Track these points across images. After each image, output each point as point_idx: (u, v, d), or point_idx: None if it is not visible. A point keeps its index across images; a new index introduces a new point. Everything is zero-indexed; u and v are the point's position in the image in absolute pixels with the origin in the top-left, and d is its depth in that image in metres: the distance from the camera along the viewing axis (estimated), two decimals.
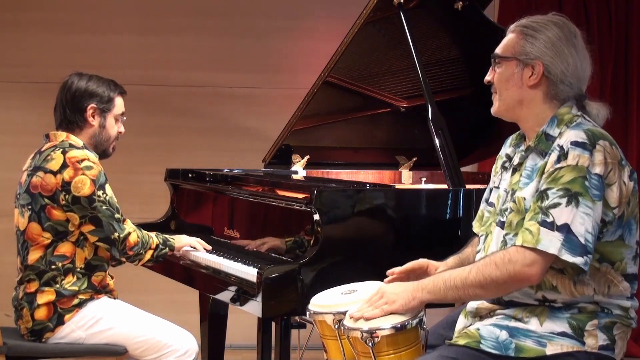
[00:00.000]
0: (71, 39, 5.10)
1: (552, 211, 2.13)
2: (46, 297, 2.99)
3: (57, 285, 3.00)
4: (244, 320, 3.83)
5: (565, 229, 2.11)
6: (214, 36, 5.18)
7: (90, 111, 3.12)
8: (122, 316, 3.07)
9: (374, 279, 2.50)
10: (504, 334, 2.21)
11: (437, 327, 2.52)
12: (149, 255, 3.13)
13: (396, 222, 2.96)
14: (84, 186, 2.97)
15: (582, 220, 2.11)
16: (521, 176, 2.30)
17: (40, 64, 5.08)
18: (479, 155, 4.10)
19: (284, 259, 2.96)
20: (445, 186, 3.13)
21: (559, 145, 2.20)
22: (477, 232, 2.52)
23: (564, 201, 2.13)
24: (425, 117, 3.23)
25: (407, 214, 2.99)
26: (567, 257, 2.10)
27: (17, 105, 5.13)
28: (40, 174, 3.01)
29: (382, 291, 2.27)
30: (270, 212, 3.17)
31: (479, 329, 2.24)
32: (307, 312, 2.41)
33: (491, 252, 2.32)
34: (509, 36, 2.35)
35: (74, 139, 3.10)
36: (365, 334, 2.19)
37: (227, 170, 3.95)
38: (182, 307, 4.48)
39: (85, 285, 3.04)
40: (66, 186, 2.97)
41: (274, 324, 3.16)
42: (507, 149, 2.47)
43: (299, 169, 3.89)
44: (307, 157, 3.91)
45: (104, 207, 3.00)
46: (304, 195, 2.87)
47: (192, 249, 3.31)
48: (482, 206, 2.53)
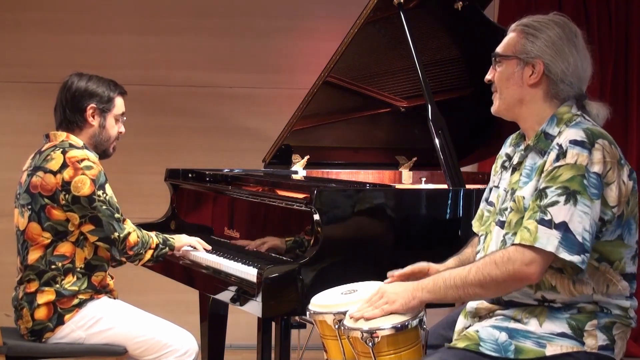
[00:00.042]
0: (71, 39, 5.10)
1: (550, 209, 2.13)
2: (46, 297, 2.99)
3: (57, 285, 3.00)
4: (244, 320, 3.83)
5: (563, 227, 2.11)
6: (214, 36, 5.18)
7: (90, 111, 3.12)
8: (122, 316, 3.07)
9: (374, 279, 2.49)
10: (503, 336, 2.20)
11: (437, 327, 2.52)
12: (149, 255, 3.13)
13: (396, 222, 2.96)
14: (84, 186, 2.97)
15: (580, 218, 2.11)
16: (521, 175, 2.30)
17: (40, 64, 5.08)
18: (479, 155, 4.10)
19: (284, 259, 2.96)
20: (445, 186, 3.13)
21: (558, 144, 2.20)
22: (476, 231, 2.51)
23: (562, 199, 2.12)
24: (425, 117, 3.23)
25: (407, 214, 2.99)
26: (565, 255, 2.10)
27: (17, 105, 5.13)
28: (40, 173, 3.01)
29: (382, 291, 2.27)
30: (270, 212, 3.17)
31: (478, 331, 2.24)
32: (307, 312, 2.40)
33: (491, 251, 2.32)
34: (510, 35, 2.35)
35: (74, 139, 3.10)
36: (365, 334, 2.19)
37: (227, 170, 3.94)
38: (182, 307, 4.49)
39: (85, 285, 3.04)
40: (66, 186, 2.97)
41: (274, 324, 3.16)
42: (507, 148, 2.47)
43: (299, 169, 3.89)
44: (307, 157, 3.91)
45: (104, 206, 3.00)
46: (304, 195, 2.87)
47: (192, 249, 3.31)
48: (482, 205, 2.53)
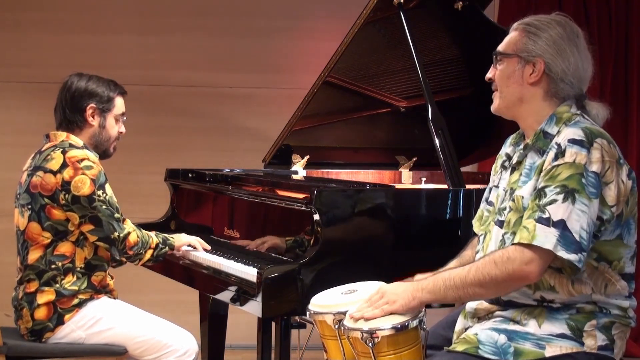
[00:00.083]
0: (71, 39, 5.10)
1: (548, 208, 2.13)
2: (46, 297, 2.99)
3: (57, 285, 3.00)
4: (244, 320, 3.83)
5: (561, 225, 2.11)
6: (214, 36, 5.18)
7: (89, 111, 3.12)
8: (122, 316, 3.07)
9: (374, 279, 2.49)
10: (502, 338, 2.20)
11: (437, 327, 2.52)
12: (148, 254, 3.13)
13: (396, 222, 2.96)
14: (83, 186, 2.97)
15: (578, 217, 2.11)
16: (520, 175, 2.30)
17: (40, 64, 5.08)
18: (479, 155, 4.10)
19: (284, 259, 2.96)
20: (445, 186, 3.13)
21: (556, 143, 2.20)
22: (477, 231, 2.51)
23: (561, 198, 2.12)
24: (425, 117, 3.23)
25: (407, 214, 2.99)
26: (562, 253, 2.10)
27: (17, 105, 5.13)
28: (40, 173, 3.01)
29: (382, 291, 2.27)
30: (270, 212, 3.17)
31: (477, 334, 2.24)
32: (307, 312, 2.40)
33: (490, 251, 2.32)
34: (512, 34, 2.35)
35: (74, 139, 3.10)
36: (365, 334, 2.19)
37: (227, 170, 3.94)
38: (182, 307, 4.48)
39: (85, 285, 3.04)
40: (66, 186, 2.97)
41: (274, 324, 3.16)
42: (507, 148, 2.47)
43: (299, 169, 3.89)
44: (307, 157, 3.90)
45: (104, 206, 3.00)
46: (304, 195, 2.87)
47: (192, 249, 3.31)
48: (482, 206, 2.53)
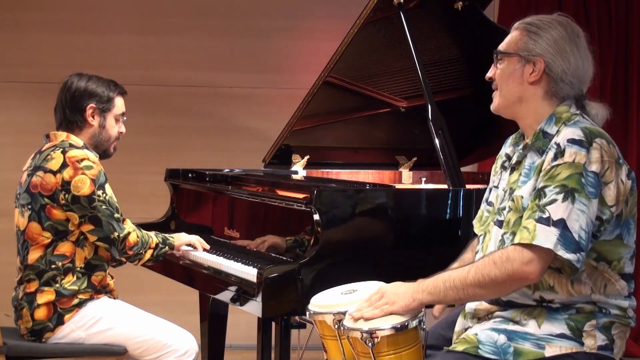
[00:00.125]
0: (71, 39, 5.10)
1: (548, 207, 2.13)
2: (46, 297, 2.99)
3: (57, 284, 3.00)
4: (244, 320, 3.83)
5: (561, 225, 2.11)
6: (214, 36, 5.18)
7: (89, 111, 3.12)
8: (122, 316, 3.07)
9: (374, 279, 2.49)
10: (502, 338, 2.20)
11: (437, 328, 2.51)
12: (148, 254, 3.13)
13: (396, 222, 2.96)
14: (83, 186, 2.97)
15: (577, 217, 2.11)
16: (520, 175, 2.30)
17: (40, 64, 5.08)
18: (479, 155, 4.10)
19: (284, 259, 2.96)
20: (445, 186, 3.13)
21: (556, 143, 2.20)
22: (477, 232, 2.51)
23: (560, 197, 2.13)
24: (425, 117, 3.23)
25: (407, 214, 2.99)
26: (562, 252, 2.10)
27: (17, 105, 5.13)
28: (40, 173, 3.01)
29: (382, 291, 2.27)
30: (270, 212, 3.17)
31: (477, 334, 2.23)
32: (307, 312, 2.40)
33: (490, 251, 2.32)
34: (513, 33, 2.35)
35: (74, 139, 3.10)
36: (365, 334, 2.19)
37: (227, 170, 3.94)
38: (182, 307, 4.48)
39: (85, 284, 3.04)
40: (66, 185, 2.97)
41: (274, 324, 3.16)
42: (507, 148, 2.46)
43: (299, 169, 3.89)
44: (307, 157, 3.90)
45: (104, 206, 3.00)
46: (304, 195, 2.87)
47: (192, 249, 3.31)
48: (482, 206, 2.52)
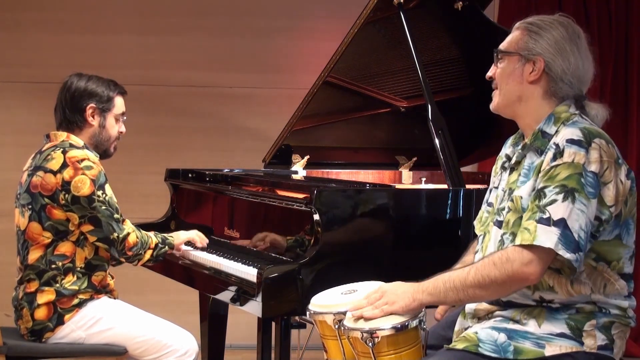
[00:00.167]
0: (71, 39, 5.10)
1: (549, 208, 2.13)
2: (46, 296, 2.99)
3: (57, 284, 3.00)
4: (244, 320, 3.83)
5: (562, 224, 2.11)
6: (214, 36, 5.18)
7: (89, 111, 3.12)
8: (122, 316, 3.07)
9: (374, 279, 2.49)
10: (502, 337, 2.20)
11: (437, 328, 2.51)
12: (148, 255, 3.13)
13: (396, 222, 2.96)
14: (83, 186, 2.97)
15: (577, 216, 2.11)
16: (519, 175, 2.31)
17: (40, 64, 5.08)
18: (479, 155, 4.10)
19: (284, 259, 2.96)
20: (445, 186, 3.13)
21: (554, 143, 2.20)
22: (478, 233, 2.51)
23: (561, 197, 2.13)
24: (425, 117, 3.23)
25: (407, 214, 2.99)
26: (562, 252, 2.10)
27: (17, 105, 5.13)
28: (40, 173, 3.01)
29: (383, 290, 2.27)
30: (270, 212, 3.17)
31: (477, 332, 2.23)
32: (307, 312, 2.40)
33: (489, 251, 2.32)
34: (514, 33, 2.35)
35: (74, 139, 3.11)
36: (365, 334, 2.19)
37: (227, 170, 3.94)
38: (182, 307, 4.49)
39: (85, 284, 3.04)
40: (66, 186, 2.97)
41: (274, 324, 3.16)
42: (507, 149, 2.46)
43: (299, 169, 3.89)
44: (307, 157, 3.91)
45: (104, 207, 3.00)
46: (304, 195, 2.87)
47: (192, 248, 3.31)
48: (483, 207, 2.53)
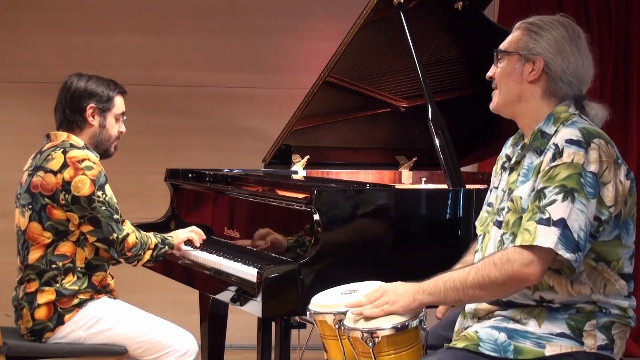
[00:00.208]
0: (71, 39, 5.10)
1: (548, 208, 2.13)
2: (46, 296, 2.99)
3: (57, 284, 3.00)
4: (244, 320, 3.83)
5: (561, 224, 2.11)
6: (214, 36, 5.18)
7: (89, 111, 3.12)
8: (122, 316, 3.07)
9: (374, 279, 2.49)
10: (502, 336, 2.20)
11: (437, 328, 2.52)
12: (147, 255, 3.13)
13: (396, 222, 2.96)
14: (83, 186, 2.97)
15: (577, 216, 2.12)
16: (518, 175, 2.31)
17: (40, 64, 5.08)
18: (479, 155, 4.10)
19: (284, 259, 2.96)
20: (445, 186, 3.13)
21: (554, 143, 2.20)
22: (479, 233, 2.51)
23: (560, 197, 2.13)
24: (425, 117, 3.23)
25: (407, 214, 2.99)
26: (562, 252, 2.10)
27: (17, 105, 5.13)
28: (40, 173, 3.01)
29: (383, 290, 2.27)
30: (270, 212, 3.17)
31: (477, 332, 2.24)
32: (308, 312, 2.40)
33: (489, 252, 2.32)
34: (515, 33, 2.36)
35: (74, 139, 3.11)
36: (365, 334, 2.19)
37: (227, 170, 3.94)
38: (182, 307, 4.49)
39: (85, 284, 3.04)
40: (66, 186, 2.97)
41: (274, 324, 3.16)
42: (507, 149, 2.46)
43: (299, 169, 3.89)
44: (307, 157, 3.91)
45: (103, 207, 3.00)
46: (304, 195, 2.87)
47: (192, 248, 3.32)
48: (484, 207, 2.53)
